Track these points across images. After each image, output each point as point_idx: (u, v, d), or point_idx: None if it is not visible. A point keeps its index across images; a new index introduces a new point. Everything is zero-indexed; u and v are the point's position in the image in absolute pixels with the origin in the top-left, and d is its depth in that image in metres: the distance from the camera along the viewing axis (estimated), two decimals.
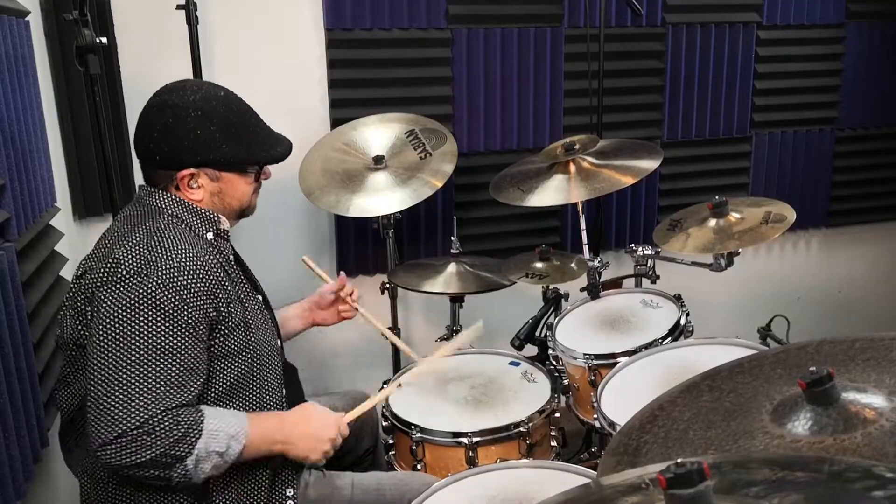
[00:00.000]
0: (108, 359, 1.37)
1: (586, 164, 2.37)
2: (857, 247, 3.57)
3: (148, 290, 1.40)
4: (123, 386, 1.36)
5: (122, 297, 1.40)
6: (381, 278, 2.70)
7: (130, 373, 1.37)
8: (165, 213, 1.54)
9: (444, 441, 1.88)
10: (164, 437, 1.36)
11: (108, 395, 1.36)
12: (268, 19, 2.68)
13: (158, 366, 1.39)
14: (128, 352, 1.37)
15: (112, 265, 1.43)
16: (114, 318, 1.39)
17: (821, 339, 1.15)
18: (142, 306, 1.39)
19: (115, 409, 1.35)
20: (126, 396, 1.35)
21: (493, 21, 2.85)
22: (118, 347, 1.38)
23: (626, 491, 0.74)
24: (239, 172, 1.59)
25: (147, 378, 1.37)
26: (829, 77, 3.30)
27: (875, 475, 0.68)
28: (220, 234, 1.62)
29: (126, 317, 1.39)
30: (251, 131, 1.59)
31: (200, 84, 1.58)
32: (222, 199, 1.60)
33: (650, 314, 2.28)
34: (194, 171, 1.54)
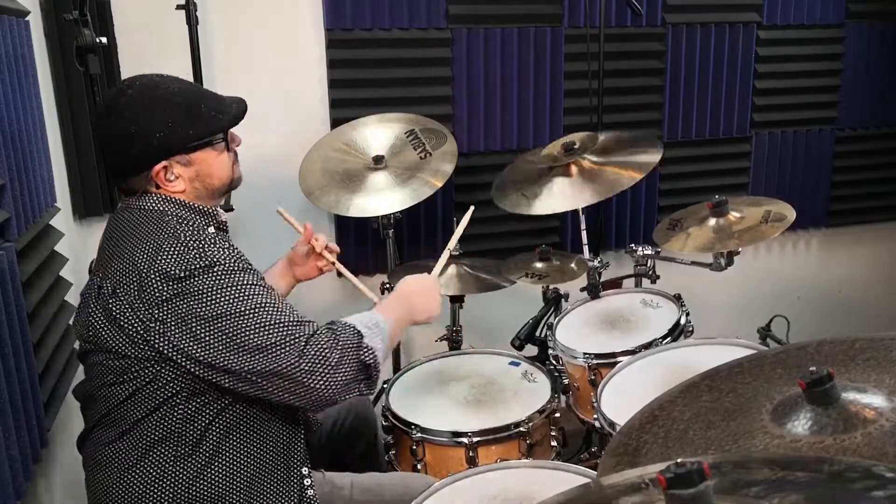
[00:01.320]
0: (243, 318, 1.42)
1: (587, 164, 2.37)
2: (857, 247, 3.57)
3: (217, 272, 1.43)
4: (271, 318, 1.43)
5: (201, 286, 1.42)
6: (381, 278, 2.70)
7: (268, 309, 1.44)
8: (167, 214, 1.53)
9: (445, 441, 1.88)
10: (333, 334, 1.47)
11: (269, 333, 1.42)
12: (268, 19, 2.68)
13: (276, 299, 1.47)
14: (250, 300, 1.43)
15: (164, 275, 1.42)
16: (212, 300, 1.42)
17: (821, 339, 1.15)
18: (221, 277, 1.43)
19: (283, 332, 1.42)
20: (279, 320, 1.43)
21: (493, 21, 2.85)
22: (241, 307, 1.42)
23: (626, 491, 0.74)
24: (206, 147, 1.56)
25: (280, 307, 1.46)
26: (829, 77, 3.30)
27: (875, 475, 0.68)
28: (220, 227, 1.62)
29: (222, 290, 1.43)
30: (200, 105, 1.56)
31: (132, 82, 1.56)
32: (203, 182, 1.57)
33: (650, 314, 2.28)
34: (165, 163, 1.52)
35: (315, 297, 2.73)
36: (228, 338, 1.41)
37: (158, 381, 1.46)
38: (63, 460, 2.03)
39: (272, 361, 1.41)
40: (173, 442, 1.48)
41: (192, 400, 1.48)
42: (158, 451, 1.48)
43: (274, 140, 2.64)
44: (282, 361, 1.41)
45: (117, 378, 1.47)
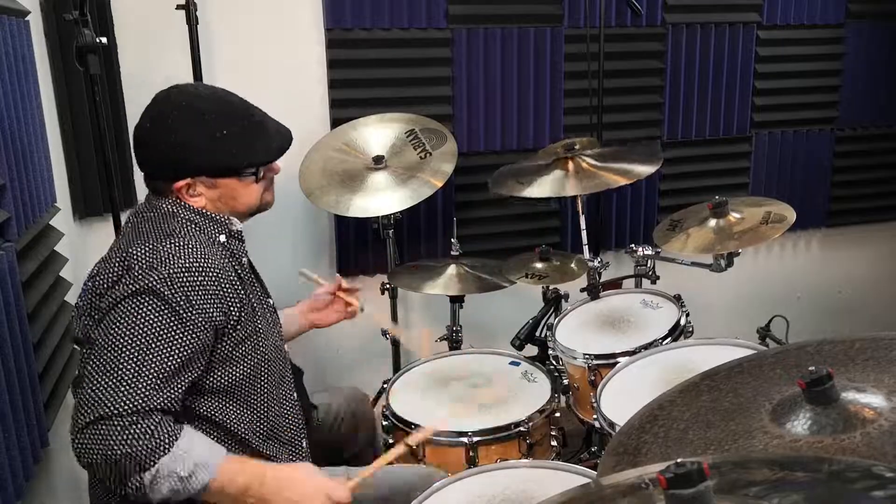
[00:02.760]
0: (108, 344, 1.37)
1: (585, 164, 2.38)
2: (857, 247, 3.57)
3: (155, 284, 1.40)
4: (118, 371, 1.35)
5: (129, 288, 1.40)
6: (381, 278, 2.70)
7: (128, 359, 1.36)
8: (178, 216, 1.54)
9: (445, 440, 1.88)
10: (137, 438, 1.32)
11: (100, 378, 1.35)
12: (268, 19, 2.68)
13: (155, 357, 1.37)
14: (129, 339, 1.37)
15: (125, 261, 1.44)
16: (120, 307, 1.40)
17: (821, 339, 1.15)
18: (148, 295, 1.40)
19: (104, 392, 1.33)
20: (118, 381, 1.34)
21: (493, 21, 2.85)
22: (120, 334, 1.38)
23: (626, 491, 0.74)
24: (234, 177, 1.57)
25: (142, 367, 1.36)
26: (829, 77, 3.29)
27: (875, 475, 0.68)
28: (233, 236, 1.61)
29: (131, 306, 1.39)
30: (240, 133, 1.55)
31: (186, 91, 1.56)
32: (226, 203, 1.59)
33: (650, 314, 2.28)
34: (190, 181, 1.53)
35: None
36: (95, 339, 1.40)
37: None
38: (63, 460, 2.02)
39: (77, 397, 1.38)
40: None
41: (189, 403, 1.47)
42: None
43: None
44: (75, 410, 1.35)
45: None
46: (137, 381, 1.35)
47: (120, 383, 1.34)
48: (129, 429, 1.32)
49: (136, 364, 1.36)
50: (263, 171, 1.61)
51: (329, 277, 2.91)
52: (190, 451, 1.38)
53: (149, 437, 1.33)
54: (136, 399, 1.34)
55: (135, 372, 1.35)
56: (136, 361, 1.36)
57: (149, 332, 1.38)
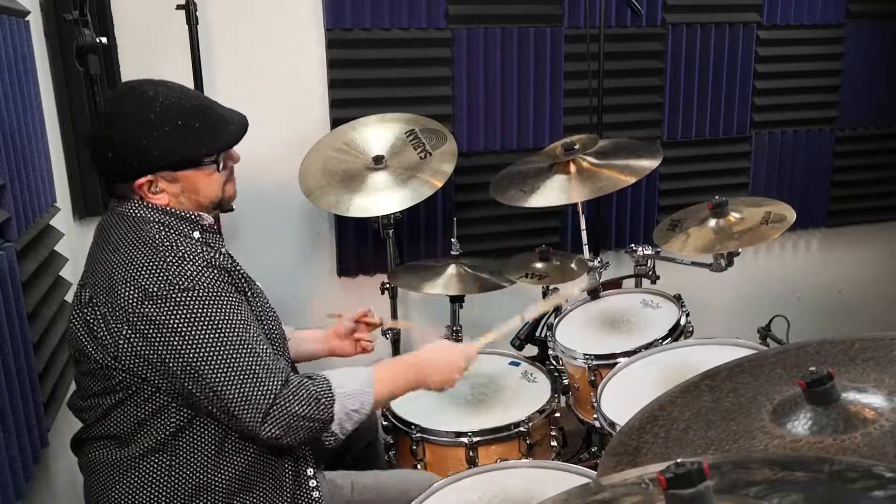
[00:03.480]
0: (211, 356, 1.40)
1: (586, 164, 2.38)
2: (857, 247, 3.57)
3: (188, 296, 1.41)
4: (243, 368, 1.41)
5: (170, 311, 1.39)
6: (381, 278, 2.70)
7: (239, 354, 1.41)
8: (149, 220, 1.50)
9: (445, 441, 1.88)
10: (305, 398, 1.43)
11: (237, 383, 1.40)
12: (268, 19, 2.68)
13: (251, 340, 1.43)
14: (222, 343, 1.41)
15: (136, 288, 1.41)
16: (181, 329, 1.40)
17: (821, 339, 1.15)
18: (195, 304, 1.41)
19: (252, 389, 1.40)
20: (252, 374, 1.41)
21: (493, 21, 2.85)
22: (211, 346, 1.40)
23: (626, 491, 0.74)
24: (194, 167, 1.53)
25: (256, 351, 1.43)
26: (829, 77, 3.30)
27: (875, 475, 0.68)
28: (206, 230, 1.57)
29: (190, 321, 1.40)
30: (197, 126, 1.51)
31: (136, 87, 1.52)
32: (189, 198, 1.55)
33: (650, 314, 2.28)
34: (150, 177, 1.49)
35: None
36: (191, 366, 1.40)
37: (142, 393, 1.45)
38: (63, 460, 2.02)
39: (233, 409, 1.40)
40: (168, 450, 1.47)
41: (182, 410, 1.46)
42: (153, 460, 1.47)
43: (274, 140, 2.64)
44: (242, 415, 1.40)
45: (102, 389, 1.47)
46: (264, 364, 1.42)
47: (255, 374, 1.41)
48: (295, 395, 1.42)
49: (251, 354, 1.42)
50: (224, 159, 1.56)
51: (330, 277, 2.93)
52: (344, 387, 1.49)
53: (312, 398, 1.44)
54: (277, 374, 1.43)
55: (255, 360, 1.42)
56: (249, 352, 1.42)
57: (228, 329, 1.42)
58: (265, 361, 1.43)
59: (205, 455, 1.49)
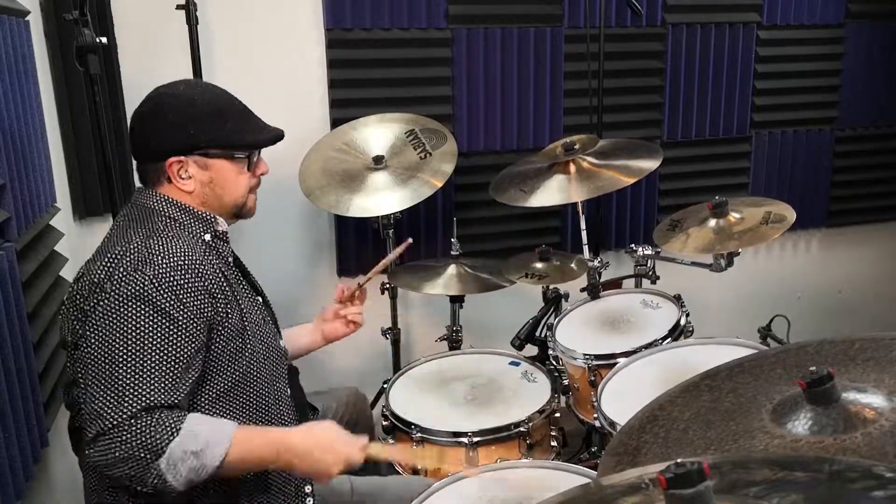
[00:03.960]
0: (102, 354, 1.36)
1: (586, 164, 2.38)
2: (857, 247, 3.57)
3: (143, 286, 1.39)
4: (116, 380, 1.34)
5: (117, 293, 1.39)
6: (381, 278, 2.70)
7: (125, 365, 1.35)
8: (162, 214, 1.53)
9: (445, 441, 1.88)
10: (142, 434, 1.31)
11: (101, 390, 1.34)
12: (268, 19, 2.68)
13: (152, 359, 1.36)
14: (122, 346, 1.36)
15: (110, 263, 1.42)
16: (108, 314, 1.38)
17: (821, 339, 1.15)
18: (137, 301, 1.38)
19: (107, 401, 1.33)
20: (118, 390, 1.33)
21: (493, 21, 2.85)
22: (113, 342, 1.36)
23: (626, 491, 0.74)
24: (227, 158, 1.57)
25: (141, 370, 1.35)
26: (829, 77, 3.29)
27: (875, 475, 0.68)
28: (217, 236, 1.60)
29: (121, 312, 1.38)
30: (237, 118, 1.58)
31: (188, 80, 1.61)
32: (214, 190, 1.57)
33: (650, 314, 2.28)
34: (182, 158, 1.52)
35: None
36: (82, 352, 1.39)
37: None
38: (63, 460, 2.03)
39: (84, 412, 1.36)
40: None
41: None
42: None
43: None
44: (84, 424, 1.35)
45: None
46: (138, 387, 1.34)
47: (120, 394, 1.33)
48: (133, 427, 1.31)
49: (135, 372, 1.35)
50: (255, 161, 1.62)
51: (330, 277, 2.93)
52: (198, 428, 1.37)
53: (154, 428, 1.32)
54: (136, 401, 1.33)
55: (134, 380, 1.34)
56: (134, 370, 1.35)
57: (143, 338, 1.37)
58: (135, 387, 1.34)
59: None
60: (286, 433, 1.52)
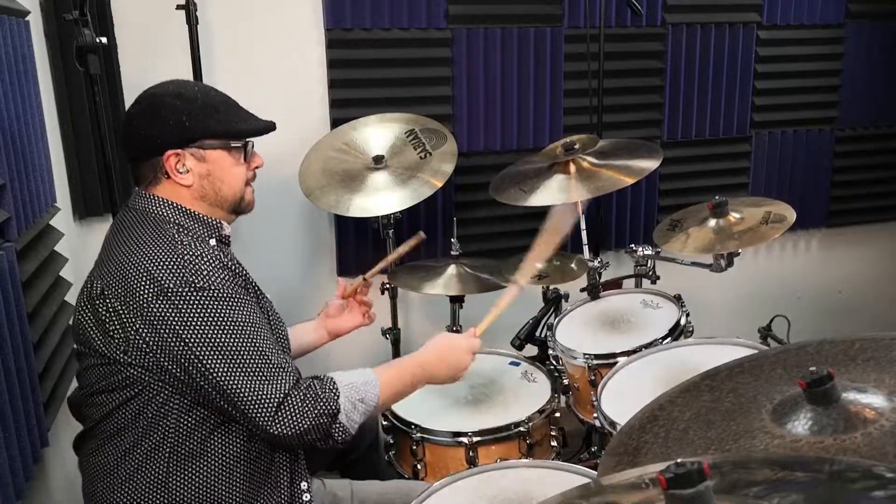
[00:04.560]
0: (221, 354, 1.41)
1: (586, 164, 2.37)
2: (857, 247, 3.57)
3: (204, 295, 1.42)
4: (252, 366, 1.42)
5: (185, 308, 1.41)
6: (381, 278, 2.70)
7: (249, 354, 1.42)
8: (169, 222, 1.52)
9: (445, 441, 1.88)
10: (312, 398, 1.43)
11: (247, 382, 1.41)
12: (268, 19, 2.68)
13: (262, 341, 1.45)
14: (233, 341, 1.42)
15: (152, 282, 1.42)
16: (194, 327, 1.41)
17: (821, 339, 1.15)
18: (210, 304, 1.43)
19: (262, 388, 1.41)
20: (261, 373, 1.42)
21: (493, 21, 2.85)
22: (220, 340, 1.41)
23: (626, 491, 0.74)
24: (224, 149, 1.57)
25: (263, 352, 1.44)
26: (829, 77, 3.30)
27: (875, 475, 0.68)
28: (222, 240, 1.61)
29: (204, 320, 1.41)
30: (228, 109, 1.59)
31: (175, 80, 1.61)
32: (213, 184, 1.57)
33: (650, 314, 2.28)
34: (179, 151, 1.52)
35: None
36: (201, 363, 1.41)
37: (149, 391, 1.45)
38: (63, 460, 2.03)
39: (243, 407, 1.41)
40: (168, 454, 1.47)
41: (189, 413, 1.47)
42: (154, 463, 1.47)
43: (274, 140, 2.63)
44: (252, 413, 1.41)
45: (108, 385, 1.47)
46: (272, 363, 1.44)
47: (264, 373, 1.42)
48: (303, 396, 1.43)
49: (259, 353, 1.43)
50: (250, 153, 1.63)
51: (330, 277, 2.93)
52: (348, 380, 1.51)
53: (319, 394, 1.45)
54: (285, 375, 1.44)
55: (263, 359, 1.43)
56: (257, 351, 1.43)
57: (239, 328, 1.43)
58: (274, 362, 1.44)
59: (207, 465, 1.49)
60: (413, 357, 1.70)
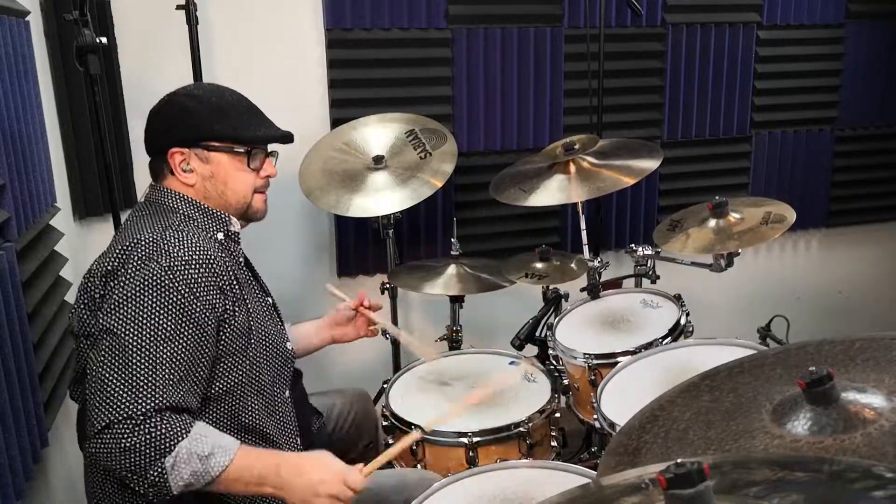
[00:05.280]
0: (117, 341, 1.36)
1: (586, 164, 2.37)
2: (857, 247, 3.57)
3: (158, 276, 1.40)
4: (131, 369, 1.34)
5: (132, 281, 1.40)
6: (381, 278, 2.70)
7: (140, 356, 1.35)
8: (178, 212, 1.57)
9: (445, 441, 1.88)
10: (153, 432, 1.32)
11: (114, 378, 1.34)
12: (268, 19, 2.68)
13: (166, 352, 1.37)
14: (137, 335, 1.36)
15: (123, 252, 1.44)
16: (123, 301, 1.39)
17: (821, 339, 1.15)
18: (151, 290, 1.39)
19: (121, 393, 1.33)
20: (133, 384, 1.34)
21: (493, 21, 2.85)
22: (127, 330, 1.37)
23: (626, 491, 0.74)
24: (226, 153, 1.59)
25: (155, 364, 1.35)
26: (829, 77, 3.30)
27: (875, 475, 0.68)
28: (230, 236, 1.62)
29: (135, 299, 1.38)
30: (241, 115, 1.61)
31: (201, 83, 1.68)
32: (216, 186, 1.59)
33: (650, 314, 2.28)
34: (184, 150, 1.56)
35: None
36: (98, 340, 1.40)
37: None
38: (63, 460, 2.03)
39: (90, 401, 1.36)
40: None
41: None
42: None
43: None
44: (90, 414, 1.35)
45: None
46: (154, 379, 1.35)
47: (134, 388, 1.34)
48: (145, 425, 1.32)
49: (149, 366, 1.35)
50: (258, 159, 1.63)
51: (331, 277, 2.93)
52: (207, 433, 1.39)
53: (165, 428, 1.33)
54: (155, 398, 1.34)
55: (148, 375, 1.35)
56: (149, 362, 1.35)
57: (157, 328, 1.37)
58: (150, 379, 1.34)
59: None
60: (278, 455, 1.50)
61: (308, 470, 1.45)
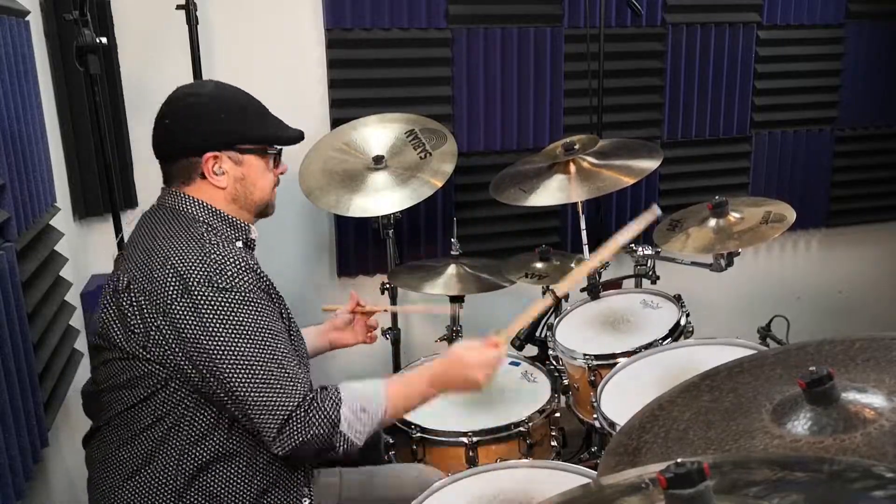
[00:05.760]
0: (237, 361, 1.41)
1: (586, 164, 2.37)
2: (857, 247, 3.57)
3: (226, 296, 1.42)
4: (268, 376, 1.42)
5: (206, 309, 1.41)
6: (381, 278, 2.70)
7: (266, 363, 1.42)
8: (199, 221, 1.53)
9: (445, 441, 1.88)
10: (319, 413, 1.43)
11: (261, 390, 1.41)
12: (268, 19, 2.68)
13: (279, 350, 1.45)
14: (251, 348, 1.42)
15: (178, 278, 1.42)
16: (213, 329, 1.40)
17: (821, 339, 1.15)
18: (231, 306, 1.42)
19: (274, 397, 1.41)
20: (276, 383, 1.42)
21: (493, 21, 2.85)
22: (239, 347, 1.41)
23: (626, 491, 0.74)
24: (259, 155, 1.59)
25: (280, 362, 1.44)
26: (829, 77, 3.30)
27: (875, 475, 0.68)
28: (248, 244, 1.62)
29: (223, 323, 1.41)
30: (262, 116, 1.62)
31: (207, 80, 1.65)
32: (245, 187, 1.58)
33: (650, 314, 2.28)
34: (218, 154, 1.53)
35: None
36: (217, 366, 1.41)
37: (167, 389, 1.45)
38: (63, 460, 2.03)
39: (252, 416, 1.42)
40: (178, 452, 1.47)
41: (204, 412, 1.47)
42: (162, 460, 1.47)
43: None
44: (260, 424, 1.42)
45: (126, 381, 1.47)
46: (289, 375, 1.44)
47: (280, 384, 1.42)
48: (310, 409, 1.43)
49: (277, 362, 1.43)
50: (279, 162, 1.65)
51: (330, 277, 2.93)
52: (352, 389, 1.49)
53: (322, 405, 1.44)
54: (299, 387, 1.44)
55: (281, 369, 1.43)
56: (275, 360, 1.43)
57: (260, 334, 1.43)
58: (289, 373, 1.44)
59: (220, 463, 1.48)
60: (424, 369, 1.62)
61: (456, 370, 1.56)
